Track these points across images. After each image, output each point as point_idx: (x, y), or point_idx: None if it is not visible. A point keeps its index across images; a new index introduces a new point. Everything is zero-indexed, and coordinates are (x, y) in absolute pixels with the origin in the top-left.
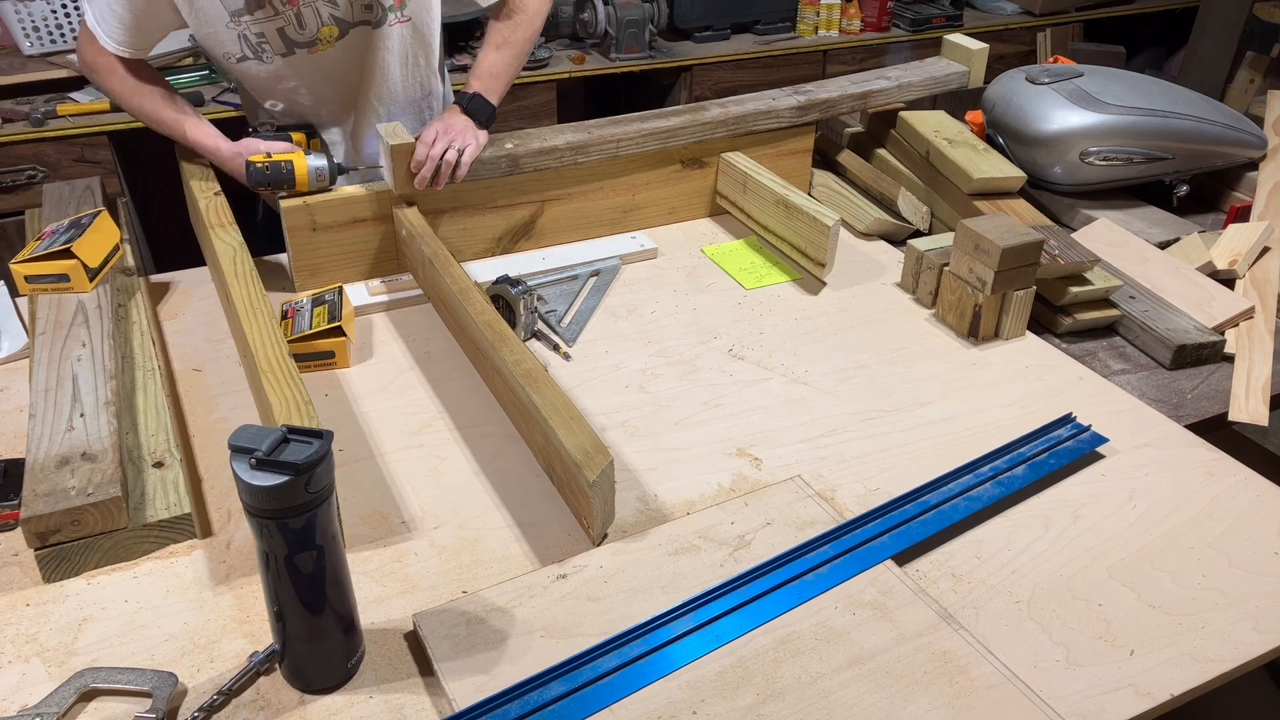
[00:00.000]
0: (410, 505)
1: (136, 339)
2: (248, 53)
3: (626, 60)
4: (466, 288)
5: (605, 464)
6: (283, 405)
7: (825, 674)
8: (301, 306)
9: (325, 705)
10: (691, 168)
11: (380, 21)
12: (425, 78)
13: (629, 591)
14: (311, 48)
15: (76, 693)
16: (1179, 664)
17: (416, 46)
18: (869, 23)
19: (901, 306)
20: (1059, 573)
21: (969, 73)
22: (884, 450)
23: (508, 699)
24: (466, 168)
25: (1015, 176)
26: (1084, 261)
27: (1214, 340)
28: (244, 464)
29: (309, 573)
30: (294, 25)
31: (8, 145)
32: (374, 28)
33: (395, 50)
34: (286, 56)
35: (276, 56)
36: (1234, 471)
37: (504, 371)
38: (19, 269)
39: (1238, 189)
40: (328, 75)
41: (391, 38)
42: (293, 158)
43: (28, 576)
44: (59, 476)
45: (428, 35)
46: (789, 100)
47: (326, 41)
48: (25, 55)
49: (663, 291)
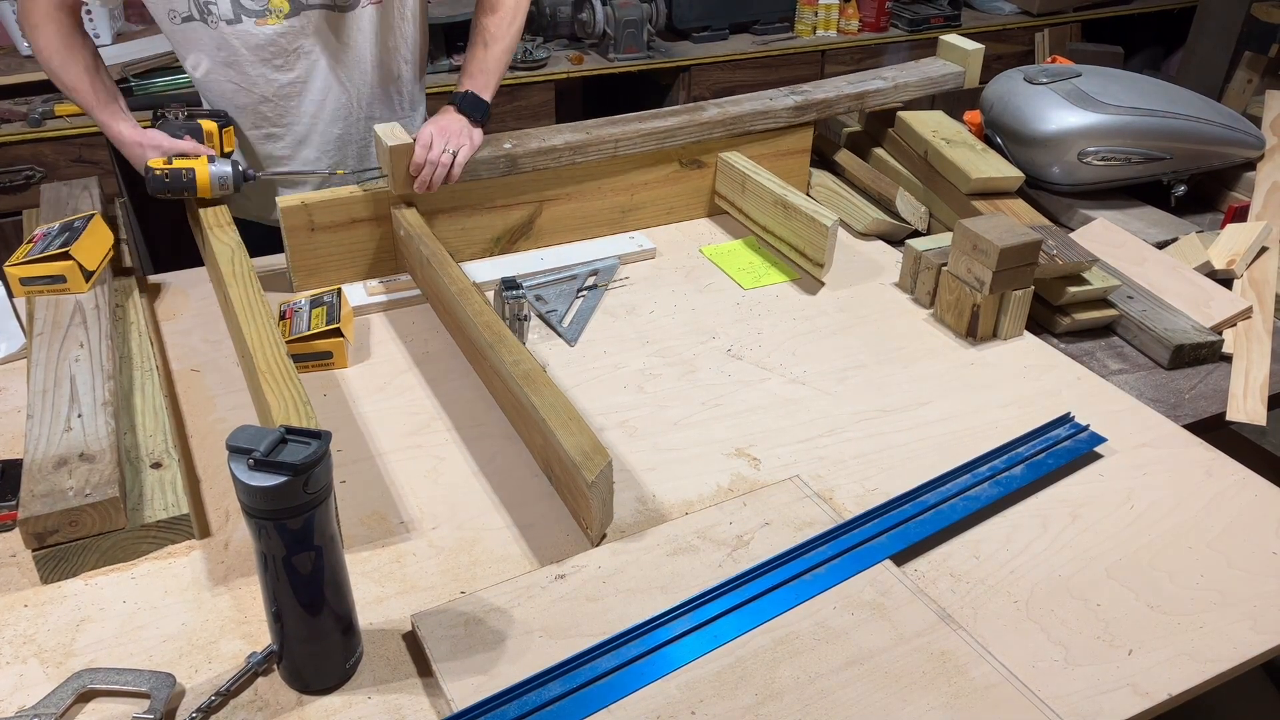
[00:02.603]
0: (409, 506)
1: (134, 339)
2: (194, 11)
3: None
4: (465, 288)
5: (604, 464)
6: (281, 406)
7: (824, 674)
8: (300, 307)
9: (323, 706)
10: (690, 168)
11: (351, 5)
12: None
13: (627, 592)
14: (260, 18)
15: (74, 693)
16: (1177, 664)
17: (385, 32)
18: (867, 23)
19: (900, 306)
20: (1057, 572)
21: (965, 73)
22: (882, 450)
23: (506, 699)
24: (461, 168)
25: (1013, 176)
26: (1082, 261)
27: (1212, 340)
28: (242, 464)
29: (307, 573)
30: None
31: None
32: (341, 12)
33: (367, 32)
34: (232, 24)
35: (221, 22)
36: (1232, 471)
37: (502, 372)
38: (14, 271)
39: (1236, 189)
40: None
41: (363, 19)
42: (195, 164)
43: (25, 577)
44: (57, 477)
45: (396, 19)
46: (786, 100)
47: (275, 15)
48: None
49: (661, 291)
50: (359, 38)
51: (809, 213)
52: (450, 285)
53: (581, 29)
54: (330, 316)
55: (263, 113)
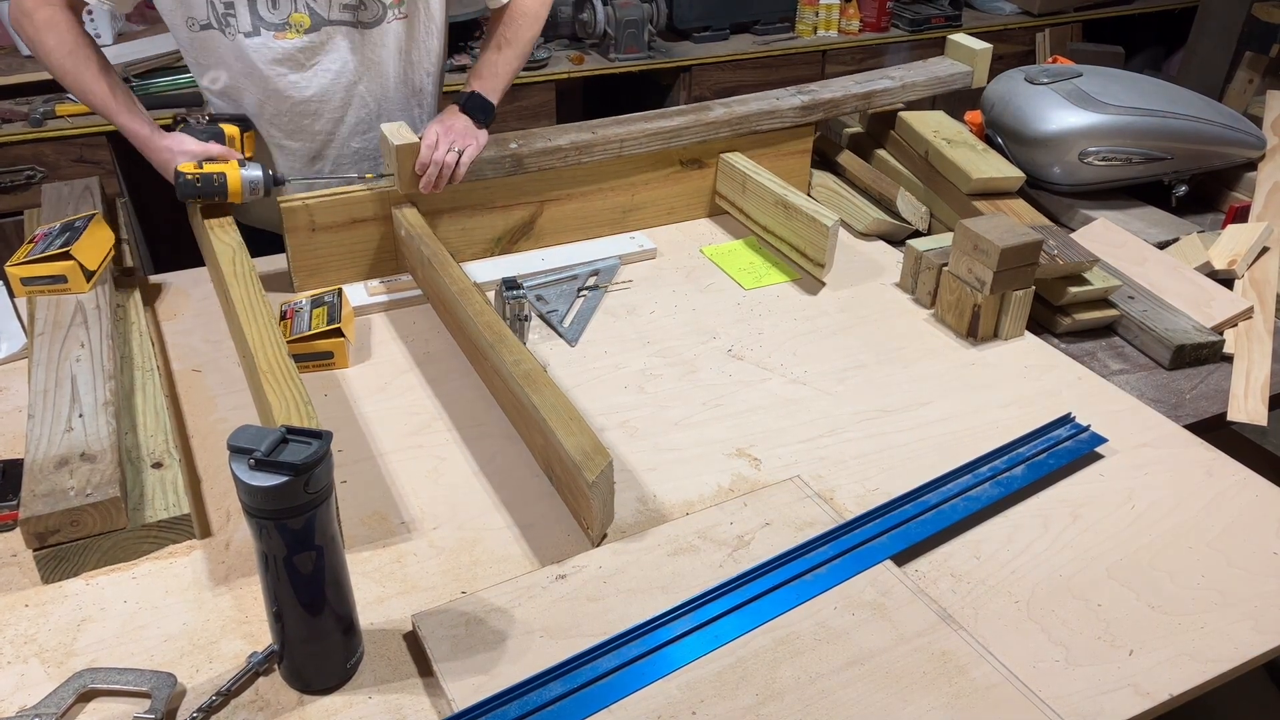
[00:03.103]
0: (409, 506)
1: (135, 339)
2: (212, 20)
3: (625, 60)
4: (466, 288)
5: (604, 465)
6: (282, 406)
7: (824, 674)
8: (301, 307)
9: (324, 706)
10: (691, 168)
11: (377, 20)
12: (418, 78)
13: (628, 592)
14: (279, 32)
15: (75, 693)
16: (1178, 664)
17: (410, 46)
18: (868, 23)
19: (900, 307)
20: (1058, 573)
21: (973, 73)
22: (883, 450)
23: (507, 699)
24: (466, 169)
25: (1014, 176)
26: (1083, 261)
27: (1213, 340)
28: (243, 464)
29: (308, 573)
30: (266, 2)
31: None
32: (366, 28)
33: (391, 48)
34: (250, 37)
35: (239, 34)
36: (1233, 471)
37: (503, 372)
38: (15, 271)
39: (1236, 189)
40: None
41: (388, 35)
42: (225, 169)
43: (26, 577)
44: (58, 477)
45: (421, 34)
46: (793, 100)
47: (295, 29)
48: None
49: (662, 292)
50: (383, 53)
51: (810, 213)
52: (451, 285)
53: (582, 29)
54: (331, 316)
55: (280, 125)
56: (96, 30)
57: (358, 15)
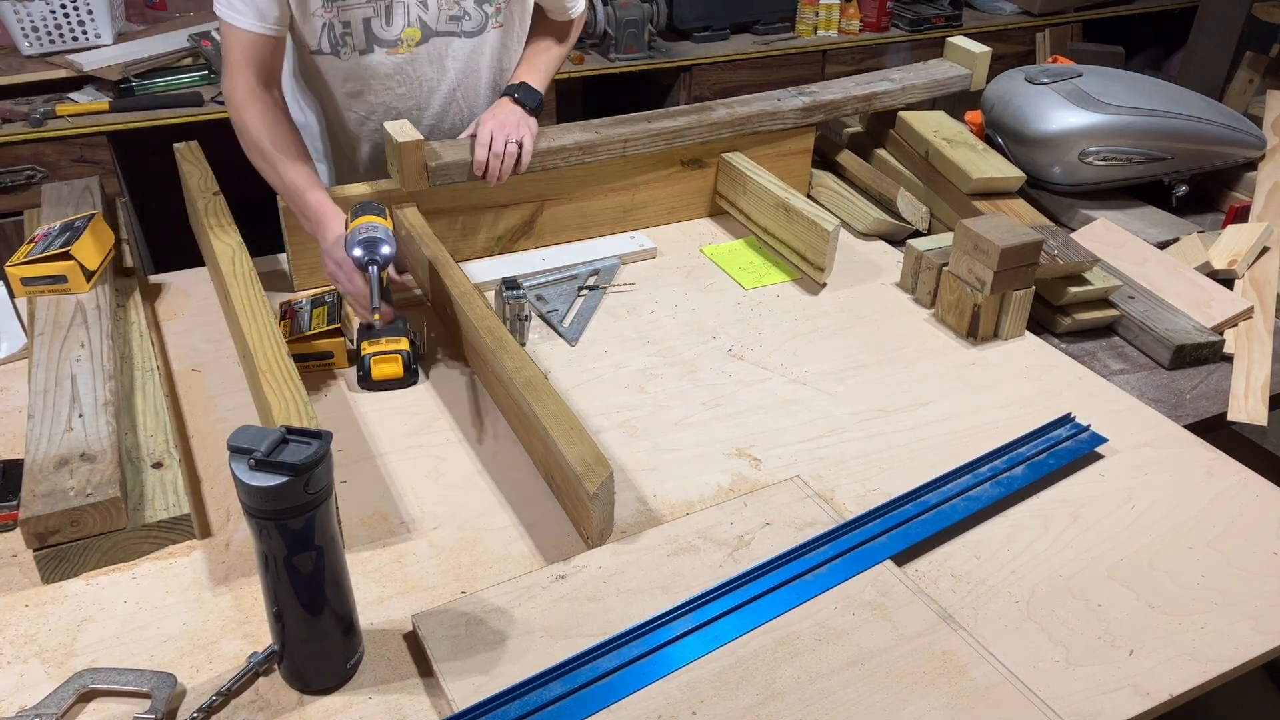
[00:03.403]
0: (409, 506)
1: (135, 339)
2: (325, 46)
3: (625, 60)
4: (466, 291)
5: (605, 475)
6: (282, 406)
7: (824, 674)
8: (301, 307)
9: (324, 706)
10: (691, 168)
11: (479, 29)
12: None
13: (628, 592)
14: (392, 49)
15: (75, 693)
16: (1178, 664)
17: (502, 53)
18: (868, 23)
19: (900, 306)
20: (1058, 573)
21: (971, 76)
22: (883, 450)
23: (507, 699)
24: (530, 156)
25: (1014, 176)
26: (1083, 261)
27: (1213, 340)
28: (243, 465)
29: (308, 573)
30: (381, 19)
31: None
32: (469, 37)
33: (487, 56)
34: (364, 54)
35: (354, 53)
36: (1233, 471)
37: (504, 379)
38: (15, 271)
39: (1237, 189)
40: (395, 82)
41: (486, 43)
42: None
43: (27, 577)
44: (58, 477)
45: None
46: (794, 101)
47: (407, 44)
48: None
49: (662, 291)
50: (480, 61)
51: (810, 216)
52: (453, 289)
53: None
54: (331, 316)
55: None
56: (97, 30)
57: (461, 25)
